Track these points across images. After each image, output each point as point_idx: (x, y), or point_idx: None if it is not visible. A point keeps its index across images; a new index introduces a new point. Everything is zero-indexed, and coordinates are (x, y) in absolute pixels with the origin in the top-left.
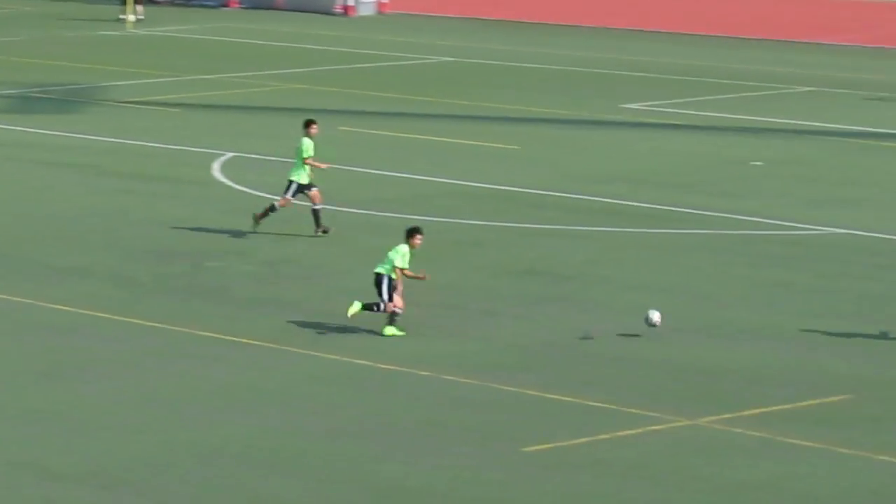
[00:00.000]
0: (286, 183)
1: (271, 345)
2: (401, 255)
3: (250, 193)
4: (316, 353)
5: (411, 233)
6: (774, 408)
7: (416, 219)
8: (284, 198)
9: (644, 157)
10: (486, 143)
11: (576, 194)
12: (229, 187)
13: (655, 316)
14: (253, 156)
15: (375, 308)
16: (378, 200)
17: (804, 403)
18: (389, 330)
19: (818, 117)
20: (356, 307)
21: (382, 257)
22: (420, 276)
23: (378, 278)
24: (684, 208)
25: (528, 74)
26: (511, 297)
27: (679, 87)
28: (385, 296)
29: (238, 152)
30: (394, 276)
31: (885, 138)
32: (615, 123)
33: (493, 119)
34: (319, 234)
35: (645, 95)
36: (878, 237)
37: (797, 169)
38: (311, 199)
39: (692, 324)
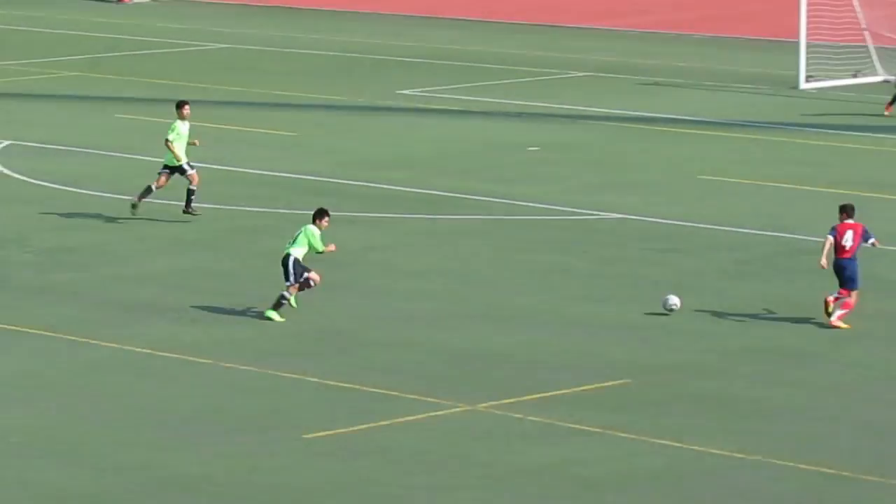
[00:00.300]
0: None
1: (50, 333)
2: (317, 238)
3: (28, 182)
4: (95, 342)
5: (320, 214)
6: (554, 393)
7: (193, 205)
8: (192, 176)
9: (422, 143)
10: (263, 130)
11: (354, 181)
12: (6, 176)
13: (674, 302)
14: (30, 144)
15: (284, 302)
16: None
17: (583, 388)
18: (271, 313)
19: (593, 102)
20: (275, 316)
21: (168, 245)
22: (327, 250)
23: (286, 259)
24: (462, 194)
25: (303, 61)
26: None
27: (455, 72)
28: (292, 277)
29: (14, 140)
30: (300, 256)
31: (659, 123)
32: (392, 109)
33: (270, 105)
34: (133, 202)
35: (421, 81)
36: (654, 222)
37: (573, 154)
38: (158, 181)
39: (472, 309)
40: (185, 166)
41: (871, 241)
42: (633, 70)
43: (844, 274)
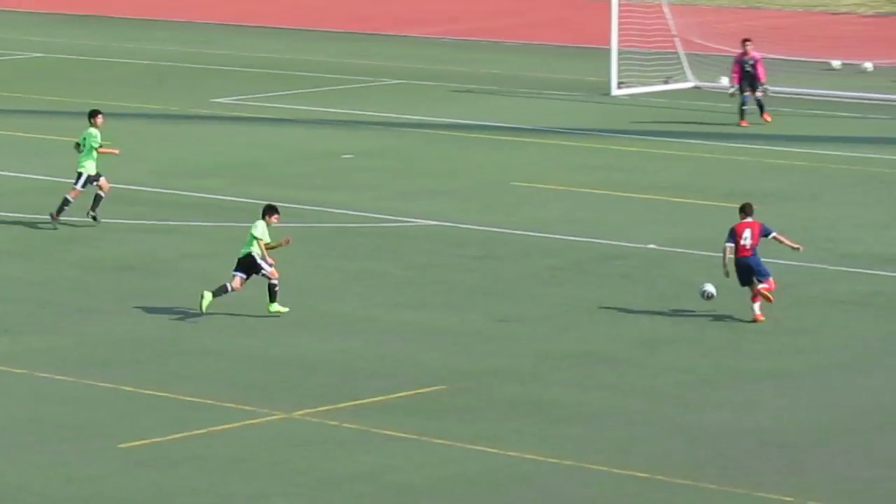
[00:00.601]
0: (76, 174)
1: None
2: (260, 228)
3: None
4: None
5: (269, 211)
6: (370, 399)
7: (4, 215)
8: (75, 189)
9: (236, 150)
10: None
11: (168, 189)
12: None
13: (710, 288)
14: None
15: (225, 291)
16: None
17: (399, 395)
18: (274, 307)
19: (407, 110)
20: (208, 298)
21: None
22: (282, 243)
23: (251, 260)
24: (277, 202)
25: (116, 69)
26: (104, 292)
27: (268, 80)
28: (265, 265)
29: None
30: (257, 250)
31: (473, 130)
32: (206, 118)
33: (83, 114)
34: (90, 217)
35: (235, 89)
36: (468, 228)
37: (387, 161)
38: (101, 188)
39: (286, 316)
40: (82, 180)
41: (773, 234)
42: (446, 77)
43: (751, 270)
